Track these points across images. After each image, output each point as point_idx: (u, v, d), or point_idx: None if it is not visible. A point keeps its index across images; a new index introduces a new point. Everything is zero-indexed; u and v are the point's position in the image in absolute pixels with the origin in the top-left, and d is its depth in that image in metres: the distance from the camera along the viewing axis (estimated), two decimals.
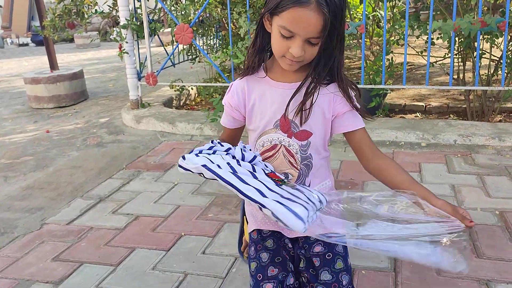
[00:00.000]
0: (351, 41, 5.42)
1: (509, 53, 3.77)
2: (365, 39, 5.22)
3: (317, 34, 1.05)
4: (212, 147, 1.15)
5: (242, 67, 4.21)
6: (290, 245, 1.29)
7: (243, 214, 1.48)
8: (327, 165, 1.34)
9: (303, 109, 1.18)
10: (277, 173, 1.15)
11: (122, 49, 4.29)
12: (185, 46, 5.31)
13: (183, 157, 1.10)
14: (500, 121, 3.96)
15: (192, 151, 1.12)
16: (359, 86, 3.76)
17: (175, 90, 4.78)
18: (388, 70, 3.95)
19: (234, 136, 1.34)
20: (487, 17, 3.19)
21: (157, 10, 5.17)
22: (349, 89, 1.22)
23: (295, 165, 1.23)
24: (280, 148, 1.22)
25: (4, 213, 2.63)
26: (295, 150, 1.22)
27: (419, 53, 4.15)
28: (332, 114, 1.23)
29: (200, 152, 1.13)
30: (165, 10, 4.46)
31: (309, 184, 1.28)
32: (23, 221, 2.51)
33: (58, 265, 2.05)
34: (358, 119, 1.24)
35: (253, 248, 1.28)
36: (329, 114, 1.22)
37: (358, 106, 1.23)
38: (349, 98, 1.21)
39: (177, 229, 2.31)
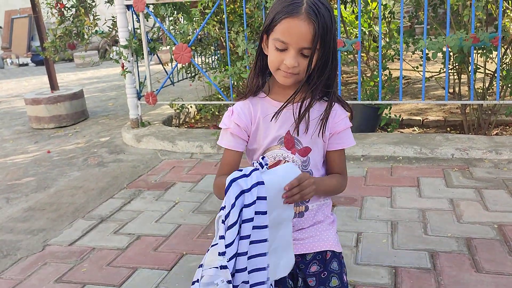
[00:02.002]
0: (348, 57, 5.49)
1: (503, 66, 3.83)
2: (362, 54, 5.29)
3: (308, 44, 1.11)
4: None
5: (242, 85, 4.26)
6: None
7: None
8: None
9: (306, 125, 1.23)
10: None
11: (125, 68, 4.35)
12: (184, 65, 5.38)
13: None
14: (496, 134, 4.00)
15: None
16: (356, 102, 3.82)
17: (175, 110, 4.82)
18: (386, 85, 4.00)
19: (238, 161, 1.32)
20: (480, 32, 3.25)
21: (156, 29, 5.25)
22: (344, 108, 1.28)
23: None
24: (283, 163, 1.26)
25: (7, 235, 2.65)
26: (298, 166, 1.25)
27: (415, 68, 4.20)
28: (330, 132, 1.26)
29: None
30: (164, 30, 4.52)
31: (309, 200, 1.31)
32: (25, 243, 2.53)
33: (61, 287, 2.06)
34: (349, 137, 1.29)
35: None
36: (327, 131, 1.26)
37: (351, 124, 1.30)
38: (346, 116, 1.27)
39: (178, 248, 2.32)
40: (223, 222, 1.02)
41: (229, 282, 0.98)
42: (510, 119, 4.21)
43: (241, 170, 1.07)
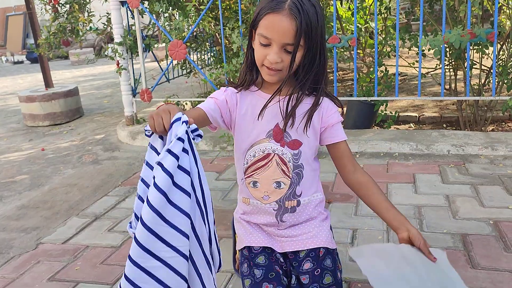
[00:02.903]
0: (344, 53, 5.48)
1: (499, 62, 3.82)
2: (358, 51, 5.27)
3: (291, 40, 1.10)
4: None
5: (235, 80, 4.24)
6: (282, 260, 1.31)
7: (234, 232, 1.49)
8: (318, 178, 1.36)
9: (294, 119, 1.22)
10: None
11: (120, 65, 4.32)
12: (179, 61, 5.35)
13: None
14: (492, 130, 4.00)
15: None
16: (352, 98, 3.81)
17: None
18: (382, 81, 3.98)
19: (203, 116, 1.23)
20: (476, 28, 3.24)
21: (151, 26, 5.22)
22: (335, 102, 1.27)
23: (287, 173, 1.26)
24: (273, 157, 1.25)
25: (0, 234, 2.62)
26: (288, 159, 1.25)
27: (411, 64, 4.19)
28: (322, 126, 1.26)
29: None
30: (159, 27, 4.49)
31: (301, 194, 1.30)
32: (18, 241, 2.50)
33: (54, 285, 2.04)
34: (343, 131, 1.29)
35: (246, 265, 1.29)
36: (318, 125, 1.25)
37: (341, 119, 1.29)
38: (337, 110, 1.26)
39: None
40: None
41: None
42: (506, 115, 4.21)
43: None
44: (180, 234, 0.97)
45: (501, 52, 3.91)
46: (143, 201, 1.02)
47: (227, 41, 4.52)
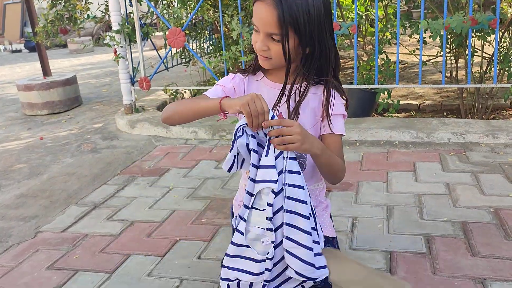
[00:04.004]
0: (344, 41, 5.43)
1: (501, 50, 3.79)
2: (359, 39, 5.23)
3: (274, 30, 1.10)
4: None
5: (236, 68, 4.20)
6: None
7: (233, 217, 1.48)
8: None
9: (295, 107, 1.20)
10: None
11: (117, 53, 4.28)
12: (178, 50, 5.31)
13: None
14: (493, 118, 3.98)
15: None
16: (352, 86, 3.78)
17: (169, 95, 4.77)
18: (382, 69, 3.95)
19: None
20: (478, 15, 3.20)
21: (149, 14, 5.17)
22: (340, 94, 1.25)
23: None
24: None
25: None
26: None
27: (412, 52, 4.16)
28: (322, 115, 1.24)
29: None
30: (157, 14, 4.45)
31: None
32: (17, 230, 2.50)
33: (53, 274, 2.04)
34: (340, 126, 1.24)
35: None
36: (319, 113, 1.23)
37: (344, 113, 1.25)
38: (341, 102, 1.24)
39: (172, 234, 2.30)
40: (272, 192, 1.06)
41: (272, 242, 1.08)
42: (507, 103, 4.18)
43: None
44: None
45: (502, 39, 3.88)
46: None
47: (226, 29, 4.47)
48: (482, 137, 3.22)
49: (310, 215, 1.08)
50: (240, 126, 1.07)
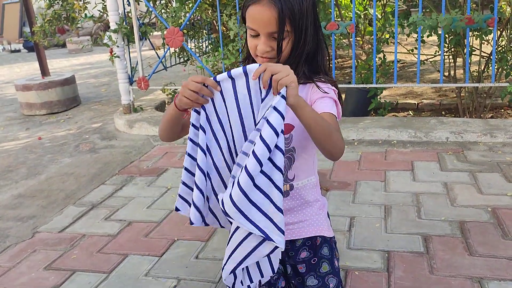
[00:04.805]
0: (342, 40, 5.43)
1: (499, 49, 3.78)
2: (357, 38, 5.23)
3: (275, 28, 1.08)
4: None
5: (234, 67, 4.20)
6: None
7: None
8: (312, 162, 1.33)
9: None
10: None
11: (113, 53, 4.28)
12: (176, 49, 5.30)
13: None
14: (492, 117, 3.98)
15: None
16: (350, 85, 3.78)
17: (167, 94, 4.76)
18: (380, 68, 3.95)
19: None
20: (475, 14, 3.20)
21: (147, 13, 5.16)
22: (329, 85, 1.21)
23: None
24: None
25: None
26: None
27: (410, 51, 4.15)
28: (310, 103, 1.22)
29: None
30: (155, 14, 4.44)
31: (293, 178, 1.27)
32: (15, 230, 2.49)
33: (50, 274, 2.04)
34: (327, 105, 1.18)
35: None
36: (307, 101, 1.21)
37: (333, 97, 1.19)
38: (320, 88, 1.20)
39: (170, 234, 2.30)
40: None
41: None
42: (505, 102, 4.18)
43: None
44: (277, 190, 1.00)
45: (500, 39, 3.87)
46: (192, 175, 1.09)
47: (224, 28, 4.47)
48: (480, 136, 3.22)
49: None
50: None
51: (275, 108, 0.97)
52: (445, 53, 3.77)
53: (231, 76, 1.02)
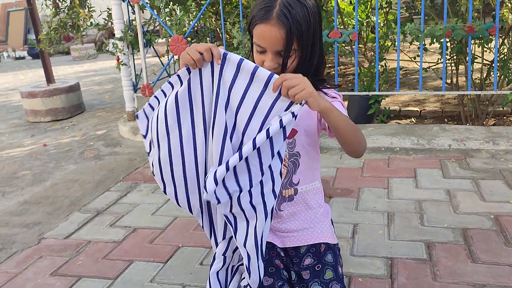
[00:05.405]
0: (345, 48, 5.47)
1: (501, 56, 3.81)
2: (360, 45, 5.26)
3: (283, 47, 1.10)
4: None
5: None
6: (283, 254, 1.31)
7: None
8: (316, 167, 1.35)
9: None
10: None
11: (120, 60, 4.32)
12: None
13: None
14: (494, 124, 3.99)
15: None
16: (353, 93, 3.80)
17: None
18: (383, 76, 3.97)
19: None
20: (477, 23, 3.23)
21: (152, 21, 5.21)
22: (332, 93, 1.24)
23: (283, 162, 1.25)
24: None
25: (2, 229, 2.64)
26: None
27: (412, 58, 4.18)
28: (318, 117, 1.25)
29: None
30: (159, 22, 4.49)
31: (298, 183, 1.29)
32: (21, 237, 2.52)
33: (56, 280, 2.06)
34: (340, 107, 1.19)
35: None
36: (315, 112, 1.23)
37: (341, 101, 1.22)
38: (328, 94, 1.23)
39: (174, 240, 2.32)
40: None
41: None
42: (508, 110, 4.20)
43: None
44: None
45: (502, 46, 3.90)
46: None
47: (228, 36, 4.51)
48: (483, 143, 3.24)
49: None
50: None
51: (280, 123, 0.99)
52: (447, 61, 3.79)
53: (225, 57, 1.04)
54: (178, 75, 1.08)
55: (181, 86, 1.08)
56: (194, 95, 1.07)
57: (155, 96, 1.15)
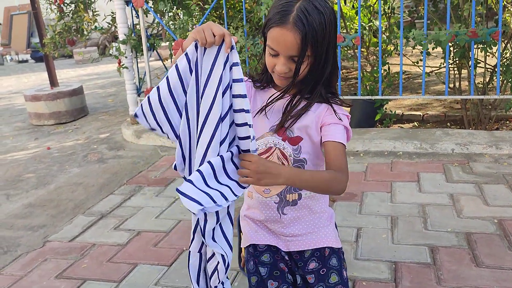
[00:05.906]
0: (348, 52, 5.48)
1: (504, 61, 3.81)
2: (362, 49, 5.27)
3: (296, 52, 1.11)
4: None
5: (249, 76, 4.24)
6: (287, 257, 1.32)
7: (239, 230, 1.50)
8: None
9: (294, 116, 1.22)
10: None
11: (121, 64, 4.34)
12: None
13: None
14: (497, 129, 3.99)
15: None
16: (356, 97, 3.81)
17: None
18: (385, 80, 3.98)
19: None
20: (480, 27, 3.24)
21: (155, 24, 5.23)
22: (341, 107, 1.25)
23: None
24: (274, 150, 1.26)
25: (7, 232, 2.65)
26: (289, 153, 1.26)
27: (415, 63, 4.19)
28: (321, 124, 1.26)
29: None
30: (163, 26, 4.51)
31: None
32: (25, 239, 2.53)
33: (61, 283, 2.07)
34: (337, 133, 1.22)
35: (252, 262, 1.31)
36: (318, 123, 1.25)
37: (345, 125, 1.23)
38: (336, 113, 1.24)
39: (178, 244, 2.33)
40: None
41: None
42: (510, 114, 4.20)
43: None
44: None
45: (505, 51, 3.90)
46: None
47: None
48: (486, 148, 3.24)
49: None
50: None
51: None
52: (450, 65, 3.80)
53: (231, 49, 1.05)
54: (186, 53, 1.07)
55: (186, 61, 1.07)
56: (195, 70, 1.07)
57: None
